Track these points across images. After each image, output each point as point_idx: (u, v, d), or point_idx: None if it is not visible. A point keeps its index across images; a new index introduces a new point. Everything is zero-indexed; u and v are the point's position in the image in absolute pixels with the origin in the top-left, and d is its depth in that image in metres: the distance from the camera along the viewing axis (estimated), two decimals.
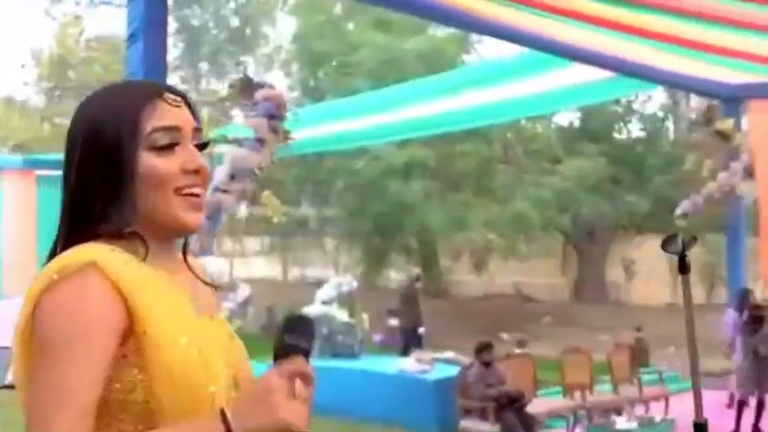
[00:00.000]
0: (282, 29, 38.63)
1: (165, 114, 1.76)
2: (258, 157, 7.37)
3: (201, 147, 1.83)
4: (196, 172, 1.77)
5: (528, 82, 12.42)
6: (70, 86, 37.23)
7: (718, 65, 11.71)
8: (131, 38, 6.46)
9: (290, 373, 1.56)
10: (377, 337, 18.08)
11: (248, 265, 29.92)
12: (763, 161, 13.20)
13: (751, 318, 11.00)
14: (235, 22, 38.13)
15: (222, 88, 38.85)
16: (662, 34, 10.07)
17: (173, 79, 38.01)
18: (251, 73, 39.11)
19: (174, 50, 38.12)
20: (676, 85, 14.20)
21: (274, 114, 7.50)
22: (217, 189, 7.52)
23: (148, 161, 1.72)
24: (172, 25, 37.24)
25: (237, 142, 7.70)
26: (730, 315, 12.09)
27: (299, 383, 1.57)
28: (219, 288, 1.92)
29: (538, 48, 10.84)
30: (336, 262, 30.50)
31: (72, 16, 37.07)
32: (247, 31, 38.37)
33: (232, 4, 38.15)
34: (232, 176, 7.48)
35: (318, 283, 16.35)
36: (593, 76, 12.13)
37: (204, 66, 37.69)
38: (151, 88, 1.80)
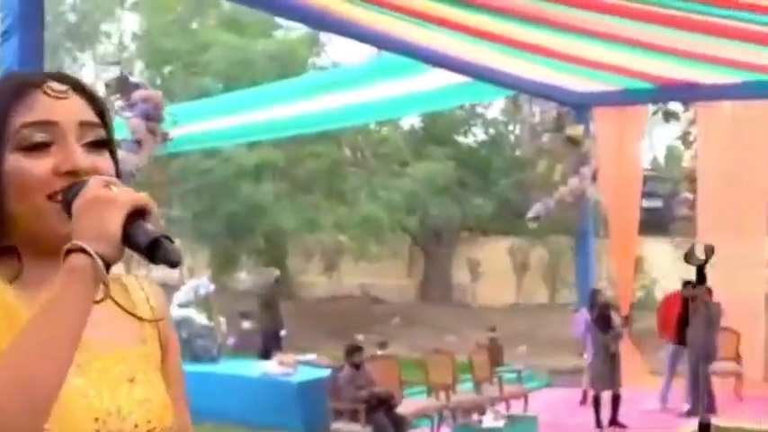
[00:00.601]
0: (124, 26, 37.89)
1: (39, 108, 1.51)
2: (136, 158, 7.23)
3: (100, 144, 1.57)
4: (72, 173, 1.49)
5: (378, 87, 12.61)
6: None
7: (568, 72, 12.12)
8: (5, 34, 6.29)
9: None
10: (230, 341, 17.93)
11: None
12: (607, 166, 13.75)
13: (601, 316, 11.40)
14: (72, 18, 37.15)
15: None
16: (514, 41, 10.36)
17: None
18: (89, 71, 38.34)
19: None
20: (528, 91, 14.60)
21: (151, 115, 7.36)
22: None
23: (15, 163, 1.48)
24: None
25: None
26: (583, 314, 12.52)
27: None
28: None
29: (388, 49, 11.04)
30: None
31: None
32: (85, 27, 37.44)
33: (69, 0, 37.16)
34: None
35: (163, 286, 16.07)
36: (441, 82, 12.38)
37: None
38: (28, 78, 1.56)
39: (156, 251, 1.38)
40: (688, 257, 4.34)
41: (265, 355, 13.72)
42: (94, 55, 38.97)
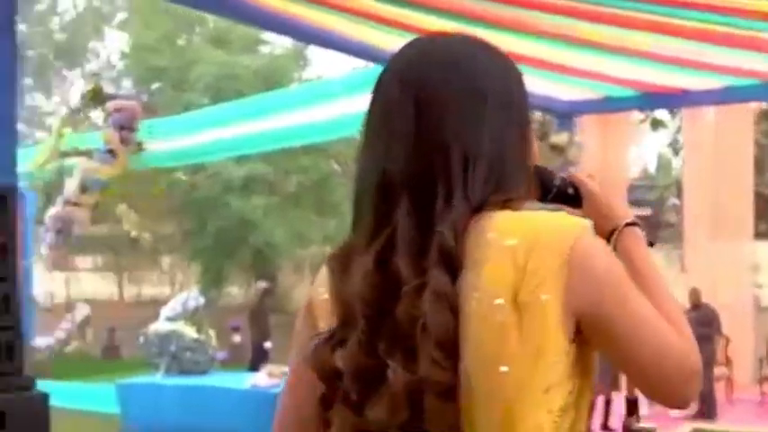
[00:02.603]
0: (112, 44, 37.99)
1: None
2: (108, 168, 7.26)
3: None
4: None
5: (366, 98, 12.62)
6: None
7: (551, 80, 12.15)
8: None
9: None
10: (220, 355, 17.90)
11: (79, 283, 29.22)
12: (595, 175, 13.78)
13: None
14: (61, 36, 37.23)
15: (48, 104, 37.89)
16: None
17: None
18: (78, 89, 38.43)
19: None
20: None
21: (125, 125, 7.40)
22: (68, 202, 7.36)
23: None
24: None
25: (88, 154, 7.56)
26: None
27: None
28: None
29: (369, 59, 11.08)
30: (173, 280, 30.09)
31: None
32: (74, 45, 37.53)
33: (58, 19, 37.26)
34: (83, 189, 7.33)
35: (156, 302, 16.08)
36: None
37: (29, 81, 36.63)
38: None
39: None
40: None
41: (254, 367, 13.71)
42: (83, 73, 39.07)
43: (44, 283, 22.74)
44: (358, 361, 1.42)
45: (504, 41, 8.42)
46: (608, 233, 1.66)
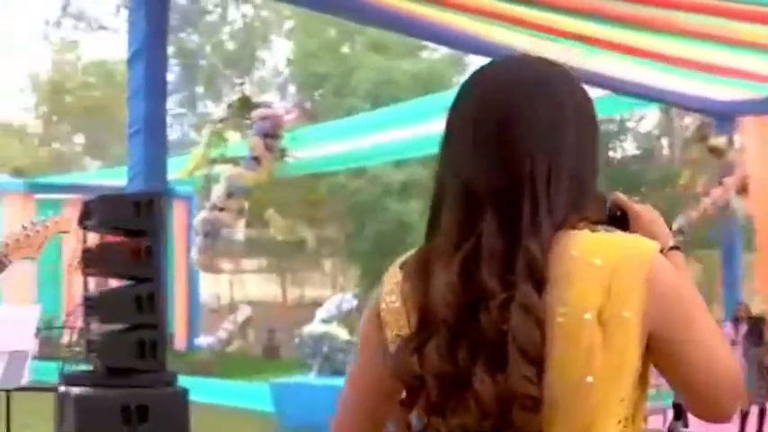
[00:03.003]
0: (279, 52, 38.94)
1: None
2: (254, 175, 7.49)
3: None
4: None
5: None
6: (68, 112, 37.44)
7: (712, 82, 11.90)
8: (132, 59, 6.61)
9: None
10: None
11: (245, 285, 29.99)
12: (754, 177, 13.39)
13: (752, 330, 11.11)
14: (230, 45, 38.37)
15: (220, 111, 39.08)
16: (657, 54, 10.25)
17: (169, 103, 38.31)
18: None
19: (168, 75, 38.27)
20: (671, 102, 14.39)
21: (270, 133, 7.62)
22: (214, 207, 7.63)
23: None
24: (168, 49, 37.38)
25: (234, 161, 7.83)
26: (726, 329, 12.20)
27: None
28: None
29: None
30: (335, 282, 30.60)
31: (69, 41, 37.35)
32: (243, 54, 38.61)
33: (228, 28, 38.40)
34: (229, 194, 7.59)
35: (317, 304, 16.38)
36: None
37: (200, 89, 37.89)
38: None
39: None
40: None
41: None
42: (251, 80, 40.14)
43: (211, 285, 23.56)
44: (440, 366, 1.48)
45: (660, 45, 8.32)
46: None
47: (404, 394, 1.57)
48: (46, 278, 17.65)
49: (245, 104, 7.82)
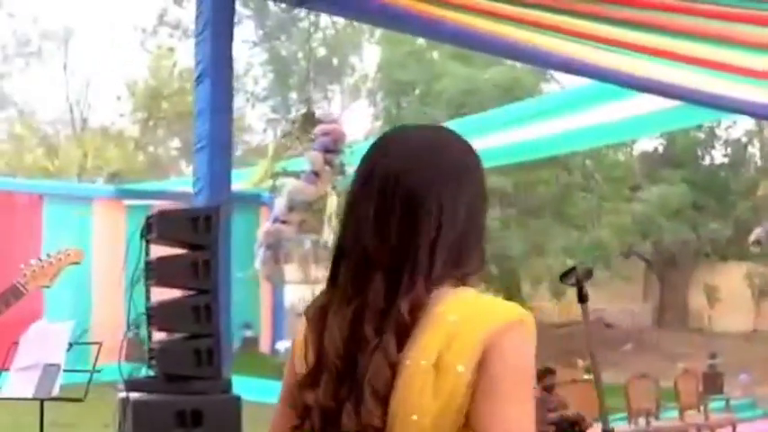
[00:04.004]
0: (369, 59, 39.24)
1: None
2: (313, 189, 7.69)
3: None
4: None
5: (607, 108, 12.48)
6: (163, 117, 38.19)
7: None
8: (199, 77, 6.87)
9: None
10: None
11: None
12: None
13: None
14: (322, 52, 38.76)
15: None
16: (731, 66, 10.20)
17: (262, 109, 38.89)
18: (337, 103, 39.92)
19: (263, 80, 38.90)
20: (747, 112, 14.18)
21: (330, 148, 7.81)
22: (276, 220, 7.86)
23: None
24: (261, 56, 38.08)
25: (296, 175, 8.06)
26: None
27: None
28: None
29: (614, 83, 11.00)
30: None
31: (166, 48, 38.13)
32: (334, 61, 38.99)
33: (320, 35, 38.80)
34: (290, 208, 7.82)
35: None
36: (673, 103, 12.15)
37: (293, 95, 38.32)
38: None
39: None
40: (563, 278, 4.34)
41: None
42: (342, 87, 40.52)
43: (296, 289, 23.95)
44: (324, 402, 1.75)
45: (741, 59, 8.27)
46: None
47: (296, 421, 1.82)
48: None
49: (309, 119, 8.04)
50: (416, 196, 1.77)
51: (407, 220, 1.76)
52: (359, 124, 45.79)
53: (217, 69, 6.80)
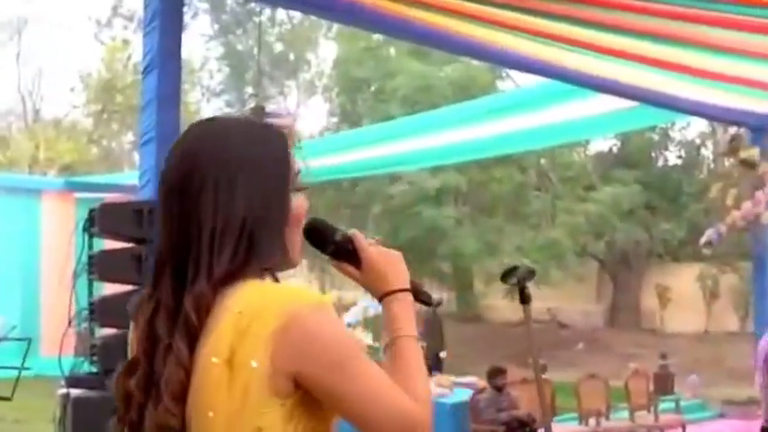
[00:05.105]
0: (325, 55, 39.16)
1: (298, 157, 1.89)
2: None
3: None
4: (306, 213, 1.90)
5: (562, 108, 12.45)
6: (117, 110, 37.86)
7: (745, 95, 11.80)
8: (147, 68, 6.74)
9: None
10: None
11: None
12: None
13: None
14: (278, 47, 38.60)
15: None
16: (687, 67, 10.20)
17: (217, 103, 38.64)
18: (293, 98, 39.79)
19: (218, 75, 38.71)
20: (702, 114, 14.25)
21: None
22: None
23: (296, 201, 1.84)
24: (217, 50, 37.86)
25: None
26: (764, 342, 12.09)
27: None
28: None
29: (565, 80, 10.98)
30: None
31: (120, 41, 37.77)
32: (291, 56, 38.84)
33: (276, 30, 38.63)
34: None
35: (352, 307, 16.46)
36: (628, 104, 12.15)
37: (249, 90, 38.12)
38: (285, 128, 1.90)
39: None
40: (504, 278, 4.25)
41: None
42: (297, 83, 40.37)
43: None
44: (138, 396, 1.75)
45: (691, 58, 8.27)
46: (379, 298, 1.92)
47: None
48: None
49: (258, 114, 7.87)
50: (191, 190, 1.76)
51: (186, 215, 1.76)
52: (314, 121, 45.71)
53: (165, 61, 6.67)
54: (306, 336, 1.66)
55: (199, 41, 37.16)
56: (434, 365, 15.06)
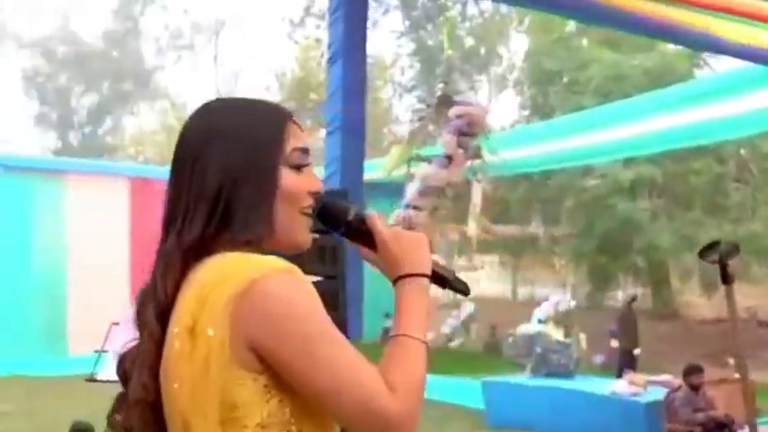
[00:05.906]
0: (515, 48, 38.83)
1: (301, 136, 1.85)
2: (445, 173, 7.46)
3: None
4: (316, 194, 1.83)
5: (763, 94, 11.83)
6: (311, 107, 38.68)
7: None
8: (331, 59, 6.76)
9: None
10: (598, 358, 17.83)
11: (477, 283, 30.08)
12: None
13: None
14: (469, 41, 38.51)
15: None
16: None
17: (409, 99, 38.89)
18: (484, 93, 39.64)
19: (409, 71, 38.94)
20: None
21: (465, 131, 7.56)
22: (407, 205, 7.68)
23: (288, 177, 1.79)
24: (408, 46, 38.09)
25: (428, 160, 7.85)
26: None
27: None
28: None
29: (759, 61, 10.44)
30: (564, 281, 30.26)
31: (313, 39, 38.53)
32: (482, 50, 38.70)
33: (467, 24, 38.55)
34: (421, 193, 7.60)
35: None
36: None
37: (440, 85, 38.07)
38: (285, 110, 1.88)
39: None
40: (703, 254, 3.76)
41: (620, 373, 13.48)
42: (489, 77, 40.20)
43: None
44: (129, 371, 1.76)
45: None
46: (393, 281, 1.83)
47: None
48: None
49: (445, 102, 7.80)
50: (177, 161, 1.80)
51: (173, 187, 1.79)
52: (505, 114, 45.43)
53: (349, 51, 6.67)
54: (266, 299, 1.60)
55: (390, 38, 37.48)
56: (627, 363, 14.68)
